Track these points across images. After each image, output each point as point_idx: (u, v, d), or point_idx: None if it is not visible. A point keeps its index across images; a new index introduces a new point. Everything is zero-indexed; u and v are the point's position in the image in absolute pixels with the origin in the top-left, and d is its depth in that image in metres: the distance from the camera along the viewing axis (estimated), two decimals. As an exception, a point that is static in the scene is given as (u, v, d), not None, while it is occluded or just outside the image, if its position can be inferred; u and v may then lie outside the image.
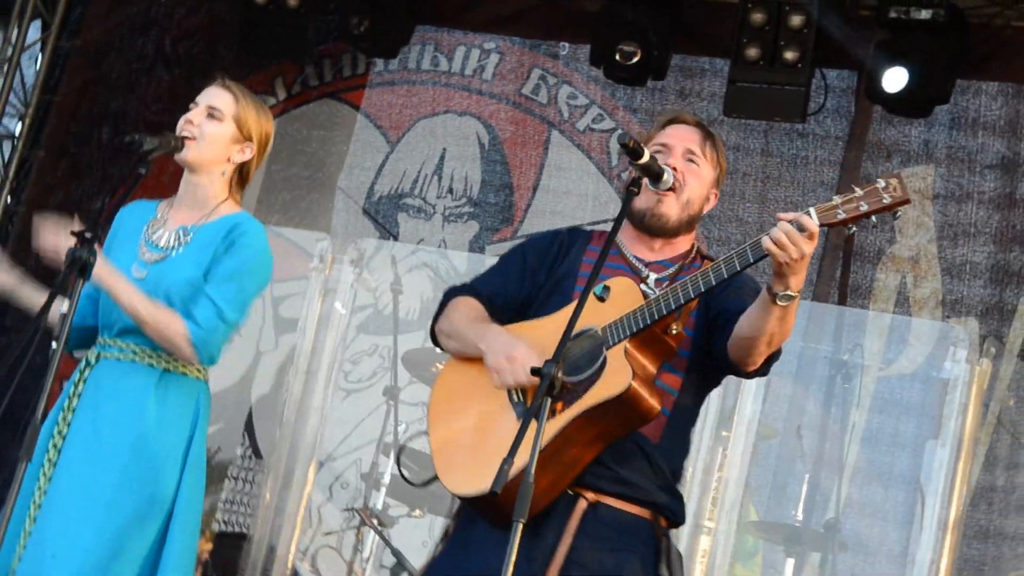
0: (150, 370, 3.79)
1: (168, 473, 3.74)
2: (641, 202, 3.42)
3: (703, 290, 3.17)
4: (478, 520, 3.31)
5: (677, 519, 3.44)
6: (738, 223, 7.23)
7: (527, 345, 3.28)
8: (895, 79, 6.67)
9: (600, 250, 3.30)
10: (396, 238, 7.86)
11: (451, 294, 3.59)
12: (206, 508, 4.32)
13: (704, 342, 3.35)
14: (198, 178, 3.91)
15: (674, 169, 3.42)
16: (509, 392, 3.31)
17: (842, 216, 3.01)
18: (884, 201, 2.97)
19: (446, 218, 7.92)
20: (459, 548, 3.40)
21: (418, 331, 7.46)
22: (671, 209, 3.44)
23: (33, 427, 3.25)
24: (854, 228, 3.05)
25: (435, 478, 3.36)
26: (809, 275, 7.10)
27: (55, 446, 3.75)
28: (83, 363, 3.86)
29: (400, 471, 5.91)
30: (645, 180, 3.36)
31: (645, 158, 3.30)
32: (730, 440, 6.51)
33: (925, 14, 6.41)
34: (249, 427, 7.46)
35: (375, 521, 6.34)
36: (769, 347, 3.20)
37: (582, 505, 3.29)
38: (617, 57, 7.04)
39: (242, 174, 3.98)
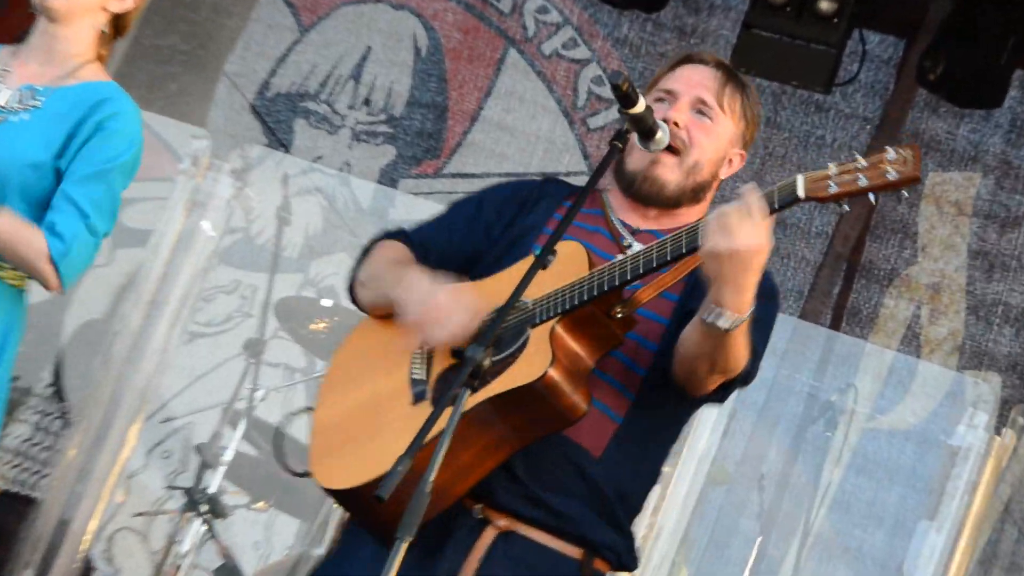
0: None
1: None
2: (633, 162, 3.43)
3: (655, 266, 3.14)
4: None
5: (622, 562, 3.37)
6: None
7: (455, 295, 3.29)
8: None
9: (580, 209, 3.28)
10: (288, 150, 7.91)
11: (376, 239, 3.59)
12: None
13: (675, 337, 3.31)
14: (59, 29, 3.83)
15: (675, 125, 3.41)
16: (412, 364, 3.33)
17: (834, 190, 2.95)
18: (889, 176, 2.91)
19: (356, 135, 7.97)
20: (341, 562, 3.43)
21: (296, 273, 7.56)
22: (670, 173, 3.42)
23: None
24: (846, 206, 2.98)
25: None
26: (799, 286, 7.19)
27: None
28: None
29: (280, 456, 6.02)
30: (634, 136, 3.31)
31: (639, 107, 3.24)
32: (672, 479, 6.34)
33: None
34: (58, 360, 7.46)
35: (205, 508, 6.22)
36: (713, 373, 3.17)
37: (489, 535, 3.26)
38: None
39: (118, 26, 3.92)
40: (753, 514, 6.82)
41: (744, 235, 2.96)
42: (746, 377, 3.24)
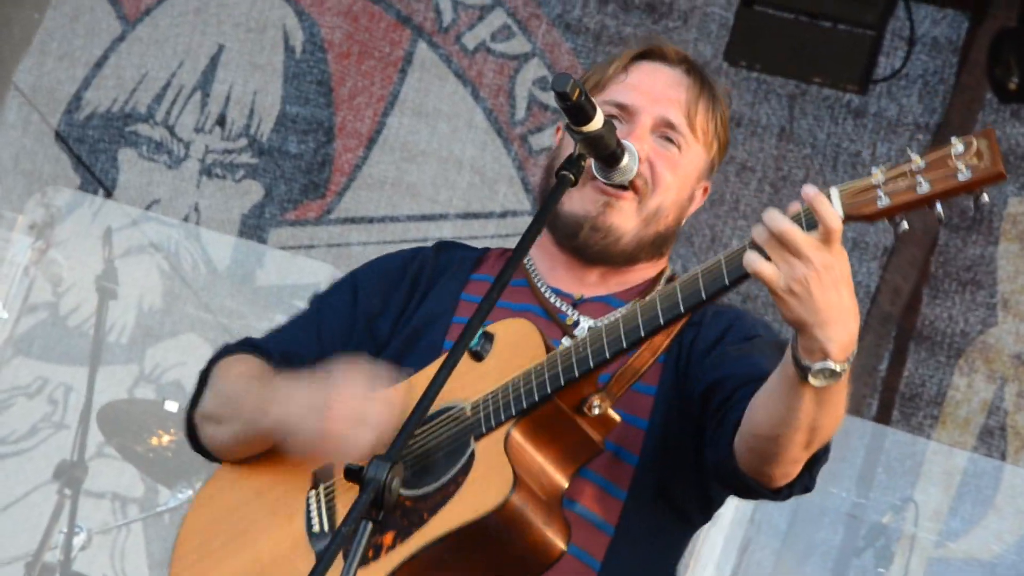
0: None
1: None
2: (575, 202, 3.49)
3: (642, 335, 3.20)
4: None
5: None
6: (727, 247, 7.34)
7: (350, 379, 3.34)
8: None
9: (486, 277, 3.45)
10: (111, 193, 7.90)
11: (216, 358, 3.63)
12: None
13: (671, 438, 3.40)
14: None
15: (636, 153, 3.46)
16: (308, 515, 3.36)
17: (885, 203, 2.92)
18: (960, 176, 2.86)
19: (207, 169, 8.02)
20: None
21: (128, 364, 7.69)
22: (626, 220, 3.50)
23: None
24: (904, 224, 2.94)
25: None
26: None
27: None
28: None
29: None
30: (590, 162, 3.35)
31: (595, 123, 3.28)
32: None
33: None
34: None
35: None
36: (806, 449, 3.16)
37: None
38: None
39: None
40: None
41: (817, 258, 2.91)
42: (829, 447, 3.24)
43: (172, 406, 6.95)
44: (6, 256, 7.37)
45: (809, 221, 2.93)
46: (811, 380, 2.97)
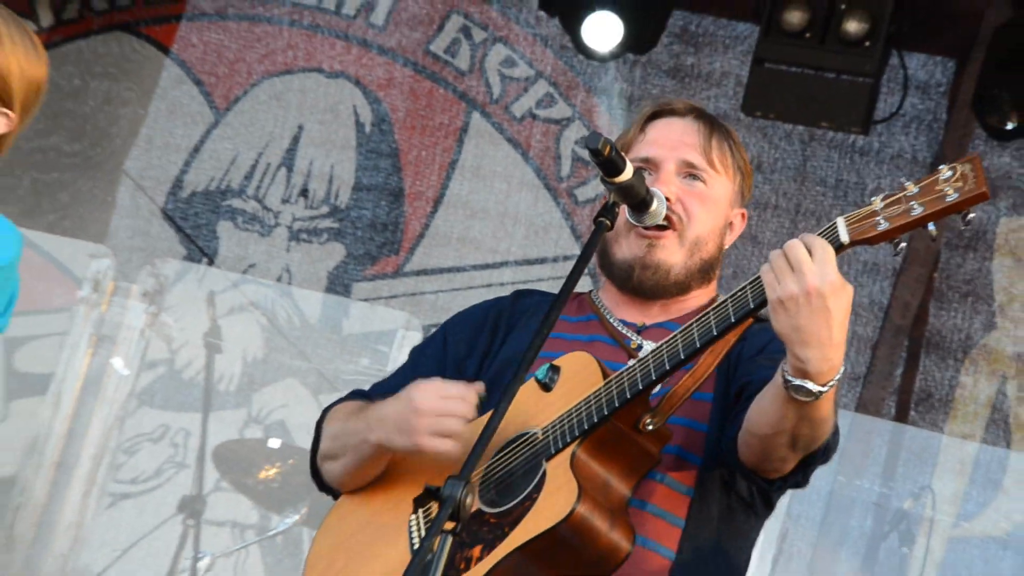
0: None
1: None
2: (624, 250, 3.48)
3: (682, 357, 3.18)
4: None
5: None
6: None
7: (437, 382, 3.37)
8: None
9: (570, 318, 3.43)
10: (213, 261, 7.86)
11: (327, 408, 3.64)
12: None
13: (722, 437, 3.38)
14: None
15: (667, 200, 3.44)
16: (410, 536, 3.36)
17: (885, 226, 2.97)
18: (948, 199, 2.91)
19: (295, 235, 7.96)
20: None
21: (237, 409, 7.61)
22: (671, 254, 3.48)
23: None
24: (903, 244, 2.98)
25: None
26: (853, 371, 7.22)
27: None
28: None
29: None
30: (624, 208, 3.36)
31: (626, 174, 3.28)
32: None
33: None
34: None
35: None
36: (795, 449, 3.17)
37: None
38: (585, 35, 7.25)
39: None
40: None
41: (815, 271, 2.94)
42: (826, 451, 3.22)
43: (275, 443, 6.93)
44: (124, 321, 7.33)
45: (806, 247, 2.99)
46: (790, 393, 3.01)
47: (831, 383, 3.00)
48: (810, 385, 2.98)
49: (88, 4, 8.19)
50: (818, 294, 2.92)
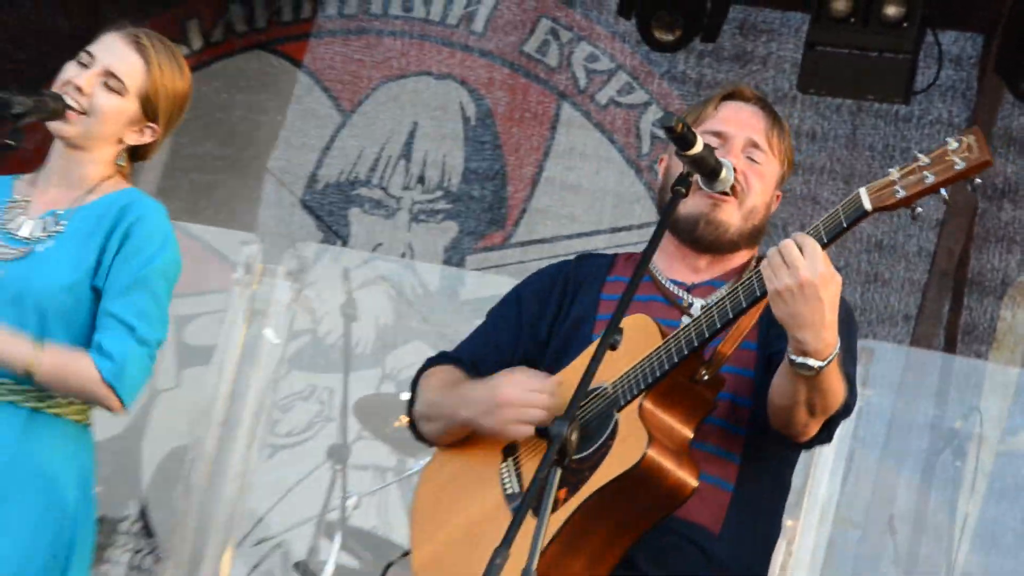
0: (10, 410, 3.71)
1: (38, 551, 3.68)
2: (689, 206, 3.41)
3: (731, 317, 3.17)
4: None
5: None
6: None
7: (517, 371, 3.36)
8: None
9: (629, 280, 3.27)
10: (346, 242, 7.91)
11: (423, 368, 3.65)
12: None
13: (766, 386, 3.33)
14: (76, 154, 3.83)
15: (734, 169, 3.44)
16: (502, 481, 3.35)
17: (902, 194, 2.97)
18: (956, 167, 2.91)
19: (415, 216, 7.95)
20: None
21: (372, 369, 7.57)
22: (731, 216, 3.45)
23: None
24: (919, 209, 2.99)
25: None
26: (906, 311, 7.15)
27: None
28: None
29: None
30: (696, 178, 3.33)
31: (697, 147, 3.26)
32: (797, 532, 6.41)
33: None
34: (140, 495, 7.51)
35: None
36: (813, 417, 3.19)
37: None
38: (656, 31, 7.27)
39: (136, 153, 3.92)
40: (890, 559, 6.83)
41: (807, 265, 2.96)
42: (846, 409, 3.22)
43: (406, 396, 6.86)
44: (273, 297, 7.35)
45: (819, 239, 3.00)
46: (795, 370, 3.04)
47: (829, 359, 3.02)
48: (811, 362, 3.00)
49: (231, 28, 8.22)
50: (810, 285, 2.94)
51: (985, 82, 7.19)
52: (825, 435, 3.27)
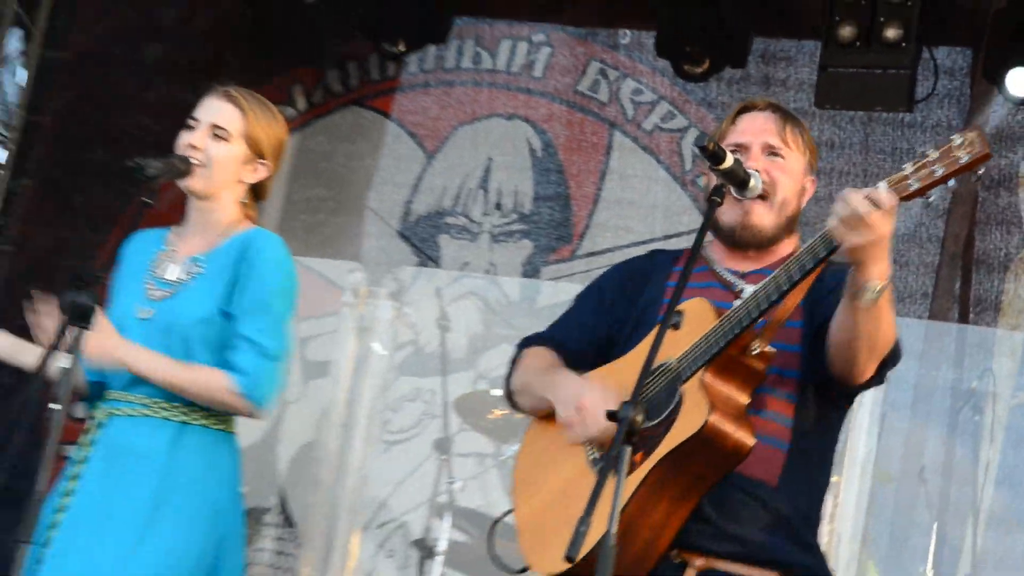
0: (164, 424, 3.78)
1: (191, 552, 3.72)
2: (727, 216, 3.42)
3: (775, 299, 3.16)
4: None
5: None
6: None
7: (602, 388, 3.30)
8: (1019, 83, 6.65)
9: (682, 270, 3.32)
10: (438, 264, 7.89)
11: (521, 346, 3.64)
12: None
13: (813, 356, 3.30)
14: (207, 204, 3.94)
15: (758, 172, 3.41)
16: (587, 449, 3.33)
17: (916, 186, 2.98)
18: (962, 160, 2.93)
19: (494, 238, 7.95)
20: None
21: (467, 371, 7.54)
22: (764, 219, 3.44)
23: (33, 503, 3.19)
24: (932, 196, 3.00)
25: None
26: (923, 289, 7.08)
27: (54, 525, 3.70)
28: (91, 423, 3.86)
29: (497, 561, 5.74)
30: (729, 188, 3.34)
31: (728, 162, 3.28)
32: (841, 486, 6.41)
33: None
34: (279, 490, 7.51)
35: None
36: (872, 352, 3.16)
37: (690, 575, 3.22)
38: (686, 65, 7.21)
39: (257, 191, 4.01)
40: (923, 505, 6.75)
41: (881, 226, 2.95)
42: (895, 354, 3.22)
43: (497, 392, 6.25)
44: (377, 316, 7.32)
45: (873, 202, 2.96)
46: (863, 298, 3.01)
47: (887, 283, 3.01)
48: (873, 283, 2.99)
49: (328, 89, 8.17)
50: (881, 239, 2.97)
51: (976, 88, 7.13)
52: (877, 379, 3.25)
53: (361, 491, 6.68)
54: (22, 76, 8.32)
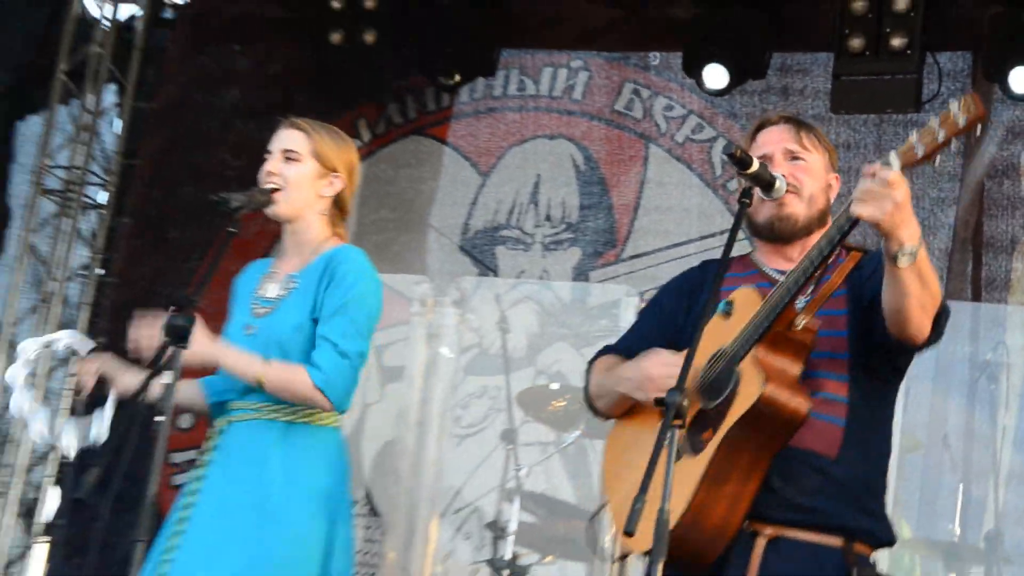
0: (271, 424, 3.82)
1: (305, 532, 3.75)
2: (761, 215, 3.41)
3: (809, 275, 3.14)
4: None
5: (880, 540, 3.29)
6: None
7: (657, 352, 3.33)
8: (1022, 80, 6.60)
9: (738, 274, 3.35)
10: (496, 273, 7.89)
11: (591, 361, 3.63)
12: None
13: (864, 336, 3.27)
14: (296, 225, 3.97)
15: (783, 175, 3.38)
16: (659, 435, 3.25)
17: (921, 152, 2.98)
18: (960, 123, 2.93)
19: (546, 247, 7.92)
20: None
21: (527, 368, 7.51)
22: (797, 208, 3.40)
23: (145, 507, 3.25)
24: (938, 160, 2.98)
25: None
26: (939, 273, 7.04)
27: (182, 519, 3.77)
28: (213, 431, 3.93)
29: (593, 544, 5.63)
30: (757, 190, 3.32)
31: (754, 167, 3.27)
32: None
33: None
34: (364, 483, 7.50)
35: (507, 572, 6.24)
36: (924, 309, 3.12)
37: (760, 544, 3.20)
38: (705, 77, 7.18)
39: (339, 206, 4.01)
40: (948, 468, 6.72)
41: (894, 195, 2.95)
42: (945, 309, 3.20)
43: (555, 386, 6.85)
44: (443, 323, 7.32)
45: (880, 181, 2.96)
46: (900, 261, 2.98)
47: (919, 244, 3.00)
48: (908, 247, 2.97)
49: (390, 121, 8.21)
50: (904, 199, 2.96)
51: (977, 88, 7.02)
52: (935, 334, 3.20)
53: (438, 481, 6.68)
54: (118, 126, 8.50)
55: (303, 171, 3.92)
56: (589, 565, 6.32)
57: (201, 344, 3.66)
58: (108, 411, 3.81)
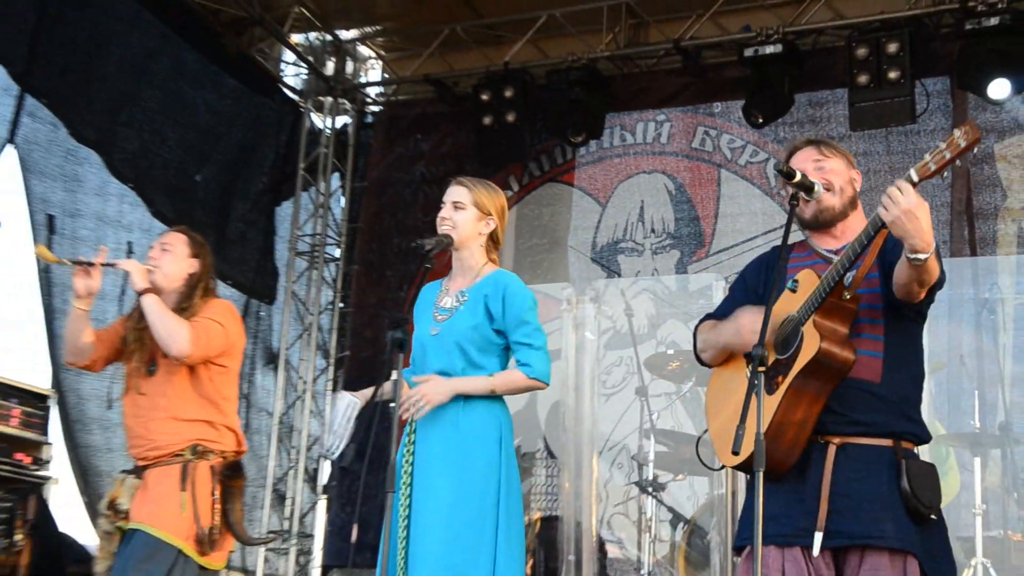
0: (453, 402, 3.70)
1: (487, 477, 3.69)
2: (807, 212, 3.29)
3: (849, 265, 3.03)
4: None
5: (920, 438, 3.18)
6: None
7: (750, 311, 3.23)
8: (1000, 89, 6.54)
9: (800, 255, 3.27)
10: (619, 275, 7.87)
11: (697, 326, 3.52)
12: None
13: (889, 294, 3.16)
14: (462, 253, 3.91)
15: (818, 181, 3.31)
16: (750, 380, 3.17)
17: (933, 167, 2.84)
18: (962, 144, 2.81)
19: (654, 252, 7.90)
20: (751, 499, 3.22)
21: (650, 340, 7.43)
22: (832, 200, 3.28)
23: (390, 468, 3.35)
24: (948, 175, 3.00)
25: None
26: (943, 238, 7.07)
27: (407, 473, 3.73)
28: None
29: (698, 456, 5.57)
30: (801, 193, 3.25)
31: (798, 177, 3.21)
32: None
33: (994, 20, 6.46)
34: (541, 435, 7.47)
35: (650, 489, 6.21)
36: (922, 287, 3.03)
37: (832, 450, 3.11)
38: (754, 116, 7.24)
39: (493, 239, 3.95)
40: (966, 379, 6.61)
41: (902, 203, 2.84)
42: (940, 283, 3.10)
43: (670, 351, 6.52)
44: (585, 315, 6.48)
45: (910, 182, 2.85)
46: (913, 263, 2.90)
47: (931, 252, 2.90)
48: (921, 256, 2.88)
49: (531, 174, 8.23)
50: (910, 211, 2.84)
51: (955, 100, 7.12)
52: (928, 300, 3.12)
53: (594, 428, 6.38)
54: (343, 201, 8.83)
55: (467, 215, 3.85)
56: (710, 478, 6.19)
57: (443, 387, 3.67)
58: (349, 425, 3.80)
